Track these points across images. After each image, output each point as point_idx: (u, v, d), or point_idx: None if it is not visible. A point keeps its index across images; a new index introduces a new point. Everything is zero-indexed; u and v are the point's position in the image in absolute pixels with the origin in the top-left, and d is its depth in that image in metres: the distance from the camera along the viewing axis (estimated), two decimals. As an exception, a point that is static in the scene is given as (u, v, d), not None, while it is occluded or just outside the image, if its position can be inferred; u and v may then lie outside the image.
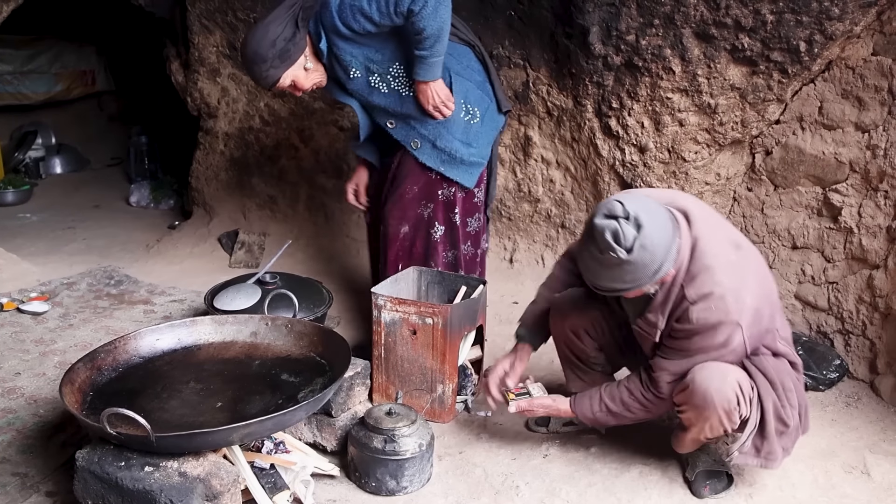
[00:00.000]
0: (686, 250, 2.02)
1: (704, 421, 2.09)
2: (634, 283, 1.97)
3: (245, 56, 2.72)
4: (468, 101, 2.90)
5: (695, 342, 2.06)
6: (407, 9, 2.54)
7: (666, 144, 3.39)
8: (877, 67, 2.94)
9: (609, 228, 1.90)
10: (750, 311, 2.02)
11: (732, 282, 2.01)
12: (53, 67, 7.04)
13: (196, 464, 1.92)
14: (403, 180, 2.97)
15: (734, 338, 2.03)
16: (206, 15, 4.40)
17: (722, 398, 2.02)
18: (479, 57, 3.00)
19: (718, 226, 2.14)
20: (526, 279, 3.88)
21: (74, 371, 2.17)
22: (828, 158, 3.11)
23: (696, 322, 2.01)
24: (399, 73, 2.79)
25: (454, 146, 2.89)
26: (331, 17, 2.64)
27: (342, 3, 2.62)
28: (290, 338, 2.49)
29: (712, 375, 2.03)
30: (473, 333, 2.83)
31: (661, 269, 1.95)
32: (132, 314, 3.62)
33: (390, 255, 3.06)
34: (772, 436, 2.10)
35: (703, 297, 1.99)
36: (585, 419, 2.28)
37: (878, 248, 2.97)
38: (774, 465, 2.13)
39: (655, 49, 3.21)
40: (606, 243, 1.90)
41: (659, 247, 1.92)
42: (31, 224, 5.35)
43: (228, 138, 4.71)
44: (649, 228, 1.90)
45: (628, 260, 1.90)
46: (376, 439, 2.24)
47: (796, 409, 2.15)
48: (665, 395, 2.15)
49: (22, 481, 2.25)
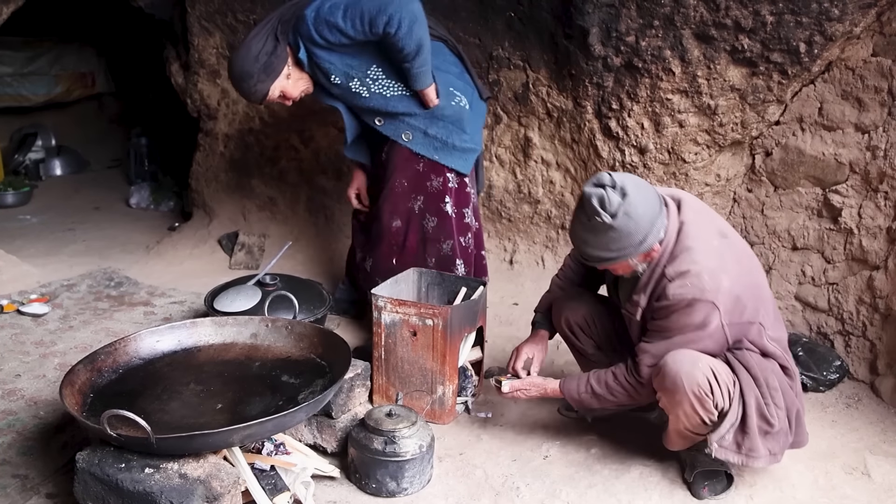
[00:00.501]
0: (672, 233, 2.11)
1: (677, 406, 2.11)
2: (620, 253, 2.07)
3: (233, 76, 2.88)
4: (455, 89, 2.99)
5: (673, 321, 2.11)
6: (383, 30, 2.68)
7: (666, 145, 3.39)
8: (876, 68, 2.95)
9: (596, 195, 2.02)
10: (727, 294, 2.07)
11: (710, 262, 2.08)
12: (53, 69, 7.04)
13: (196, 465, 1.92)
14: (392, 175, 3.04)
15: (711, 319, 2.07)
16: (206, 17, 4.40)
17: (691, 381, 2.05)
18: (452, 50, 3.10)
19: (708, 216, 2.22)
20: (526, 280, 3.88)
21: (75, 373, 2.17)
22: (828, 159, 3.11)
23: (673, 298, 2.08)
24: (378, 75, 2.88)
25: (448, 132, 2.97)
26: (307, 29, 2.76)
27: (317, 16, 2.74)
28: (290, 339, 2.49)
29: (683, 359, 2.07)
30: (474, 335, 2.83)
31: (646, 241, 2.06)
32: (132, 316, 3.62)
33: (383, 249, 3.12)
34: (753, 432, 2.10)
35: (680, 275, 2.07)
36: (571, 400, 2.35)
37: (879, 249, 2.97)
38: (756, 463, 2.13)
39: (655, 50, 3.21)
40: (593, 208, 2.02)
41: (643, 217, 2.03)
42: (31, 226, 5.35)
43: (228, 140, 4.71)
44: (634, 197, 2.02)
45: (612, 225, 2.02)
46: (377, 441, 2.24)
47: (783, 410, 2.15)
48: (645, 379, 2.19)
49: (22, 483, 2.25)
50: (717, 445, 2.10)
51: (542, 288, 2.76)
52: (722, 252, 2.12)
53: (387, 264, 3.11)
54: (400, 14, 2.65)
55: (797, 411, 2.22)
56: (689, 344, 2.11)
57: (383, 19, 2.66)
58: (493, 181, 4.00)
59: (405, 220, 3.08)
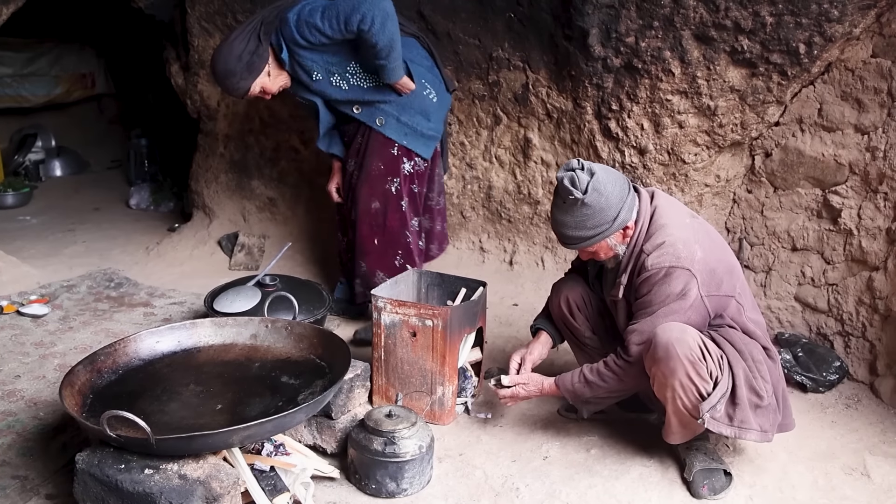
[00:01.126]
0: (647, 215, 2.28)
1: (672, 376, 2.12)
2: (596, 230, 2.23)
3: (216, 72, 3.06)
4: (426, 81, 3.22)
5: (654, 293, 2.22)
6: (357, 28, 2.88)
7: (665, 146, 3.39)
8: (876, 69, 2.95)
9: (567, 177, 2.22)
10: (702, 263, 2.19)
11: (683, 234, 2.24)
12: (53, 70, 7.05)
13: (196, 466, 1.92)
14: (370, 159, 3.24)
15: (690, 287, 2.18)
16: (206, 17, 4.40)
17: (683, 346, 2.10)
18: (424, 46, 3.31)
19: (678, 204, 2.39)
20: (526, 281, 3.88)
21: (74, 374, 2.17)
22: (827, 160, 3.11)
23: (651, 268, 2.21)
24: (356, 70, 3.10)
25: (416, 120, 3.20)
26: (290, 31, 2.97)
27: (299, 19, 2.95)
28: (289, 340, 2.49)
29: (672, 328, 2.14)
30: (473, 335, 2.83)
31: (619, 217, 2.22)
32: (132, 317, 3.62)
33: (363, 230, 3.28)
34: (744, 403, 2.13)
35: (656, 247, 2.22)
36: (566, 392, 2.40)
37: (878, 250, 2.97)
38: (749, 436, 2.15)
39: (655, 51, 3.21)
40: (565, 188, 2.21)
41: (613, 195, 2.21)
42: (31, 227, 5.35)
43: (228, 140, 4.71)
44: (602, 176, 2.21)
45: (584, 201, 2.19)
46: (376, 441, 2.24)
47: (769, 384, 2.20)
48: (634, 358, 2.24)
49: (22, 484, 2.25)
50: (708, 416, 2.11)
51: (541, 288, 2.77)
52: (695, 228, 2.28)
53: (369, 245, 3.29)
54: (372, 12, 2.86)
55: (783, 390, 2.29)
56: (672, 316, 2.19)
57: (357, 17, 2.86)
58: (493, 182, 4.00)
59: (383, 201, 3.25)
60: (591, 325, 2.59)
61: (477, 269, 4.01)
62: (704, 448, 2.34)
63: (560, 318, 2.64)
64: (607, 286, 2.45)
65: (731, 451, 2.49)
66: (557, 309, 2.63)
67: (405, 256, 3.31)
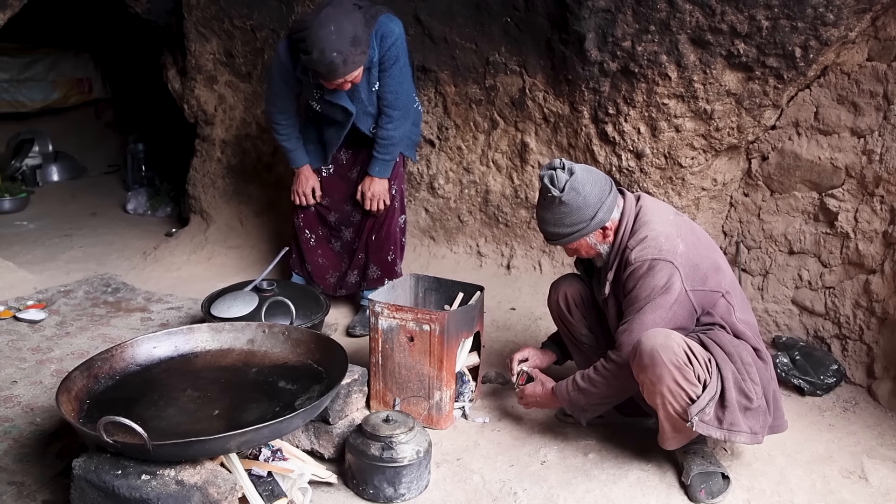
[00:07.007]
0: (632, 215, 2.33)
1: (660, 382, 2.12)
2: (574, 228, 2.30)
3: (333, 49, 2.84)
4: (415, 94, 3.42)
5: (639, 288, 2.25)
6: (396, 105, 3.20)
7: (662, 150, 3.39)
8: (872, 73, 2.96)
9: (547, 175, 2.29)
10: (684, 257, 2.23)
11: (666, 229, 2.28)
12: (50, 75, 7.05)
13: (193, 472, 1.91)
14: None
15: (674, 281, 2.21)
16: (203, 23, 4.41)
17: (668, 352, 2.09)
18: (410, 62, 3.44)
19: (664, 204, 2.44)
20: (523, 285, 3.88)
21: (71, 379, 2.16)
22: (824, 163, 3.12)
23: (635, 262, 2.25)
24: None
25: (414, 130, 3.48)
26: (387, 44, 3.11)
27: (395, 43, 3.12)
28: (287, 345, 2.49)
29: (656, 335, 2.15)
30: (471, 340, 2.83)
31: (597, 217, 2.28)
32: (129, 322, 3.62)
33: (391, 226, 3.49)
34: (733, 406, 2.13)
35: (639, 242, 2.27)
36: (563, 401, 2.44)
37: (875, 253, 2.98)
38: (738, 438, 2.15)
39: (651, 55, 3.22)
40: (544, 186, 2.29)
41: (591, 195, 2.27)
42: (28, 232, 5.34)
43: (225, 145, 4.71)
44: (581, 175, 2.27)
45: (562, 199, 2.26)
46: (374, 446, 2.24)
47: (759, 386, 2.20)
48: (624, 358, 2.25)
49: (18, 490, 2.24)
50: (697, 419, 2.11)
51: (539, 293, 2.77)
52: (678, 224, 2.32)
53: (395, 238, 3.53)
54: (417, 115, 3.46)
55: (774, 392, 2.29)
56: (659, 310, 2.22)
57: (403, 100, 3.26)
58: (490, 186, 4.01)
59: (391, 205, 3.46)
60: (587, 323, 2.62)
61: (474, 274, 4.01)
62: (702, 451, 2.34)
63: (557, 314, 2.67)
64: (598, 285, 2.48)
65: (728, 454, 2.49)
66: (555, 305, 2.67)
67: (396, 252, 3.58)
